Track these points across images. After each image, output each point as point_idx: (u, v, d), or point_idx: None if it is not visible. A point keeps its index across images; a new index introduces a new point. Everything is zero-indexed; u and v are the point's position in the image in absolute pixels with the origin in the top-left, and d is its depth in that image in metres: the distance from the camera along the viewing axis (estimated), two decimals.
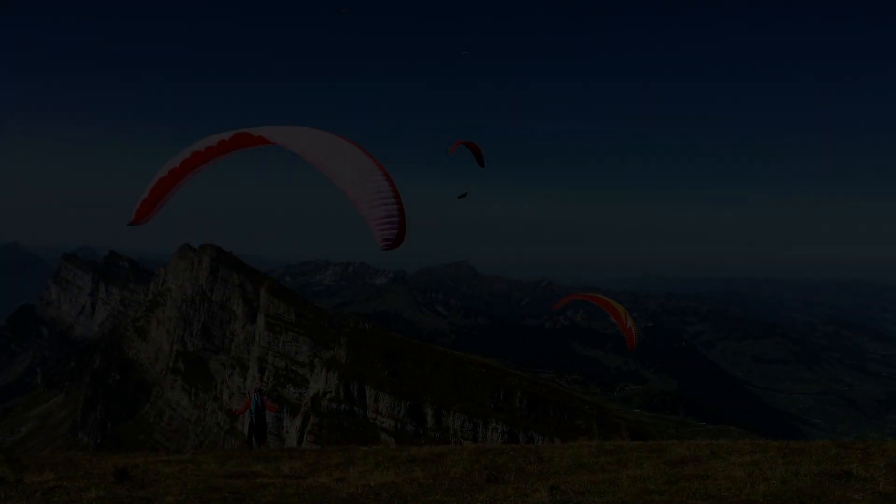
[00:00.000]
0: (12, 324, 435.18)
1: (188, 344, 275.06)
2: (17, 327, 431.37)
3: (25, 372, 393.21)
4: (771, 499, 12.56)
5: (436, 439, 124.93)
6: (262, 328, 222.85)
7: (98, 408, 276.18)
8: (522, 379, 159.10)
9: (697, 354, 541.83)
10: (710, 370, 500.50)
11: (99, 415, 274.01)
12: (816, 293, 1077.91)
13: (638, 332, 36.15)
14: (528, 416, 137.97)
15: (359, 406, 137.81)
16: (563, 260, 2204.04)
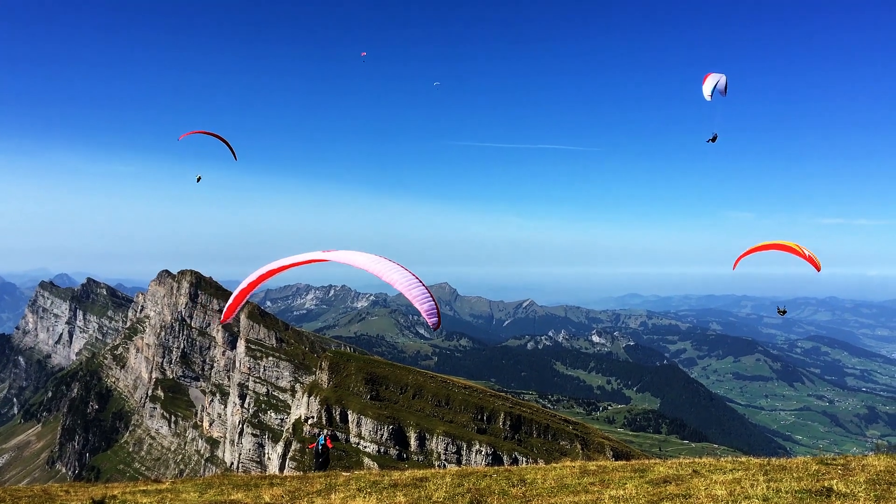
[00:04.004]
0: None
1: (167, 371, 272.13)
2: None
3: (2, 402, 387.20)
4: None
5: (419, 463, 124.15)
6: (242, 354, 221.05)
7: (76, 438, 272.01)
8: (506, 400, 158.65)
9: (679, 373, 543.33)
10: (692, 388, 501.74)
11: (77, 445, 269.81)
12: (794, 310, 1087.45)
13: (815, 255, 36.57)
14: (511, 437, 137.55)
15: (341, 431, 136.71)
16: (545, 280, 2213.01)
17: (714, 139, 43.73)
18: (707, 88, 40.40)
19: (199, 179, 50.53)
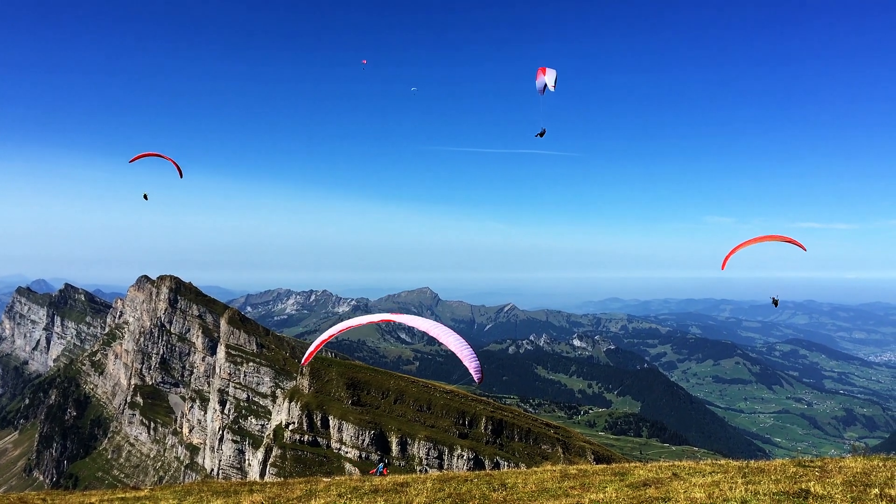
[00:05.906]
0: None
1: (147, 377, 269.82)
2: None
3: None
4: None
5: (401, 468, 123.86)
6: (222, 360, 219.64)
7: (54, 445, 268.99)
8: (487, 405, 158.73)
9: (659, 376, 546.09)
10: (672, 391, 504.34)
11: (55, 452, 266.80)
12: (772, 313, 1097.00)
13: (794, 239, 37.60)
14: (493, 442, 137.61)
15: (322, 436, 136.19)
16: (526, 285, 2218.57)
17: (542, 134, 43.62)
18: (550, 79, 39.46)
19: (146, 197, 54.13)
